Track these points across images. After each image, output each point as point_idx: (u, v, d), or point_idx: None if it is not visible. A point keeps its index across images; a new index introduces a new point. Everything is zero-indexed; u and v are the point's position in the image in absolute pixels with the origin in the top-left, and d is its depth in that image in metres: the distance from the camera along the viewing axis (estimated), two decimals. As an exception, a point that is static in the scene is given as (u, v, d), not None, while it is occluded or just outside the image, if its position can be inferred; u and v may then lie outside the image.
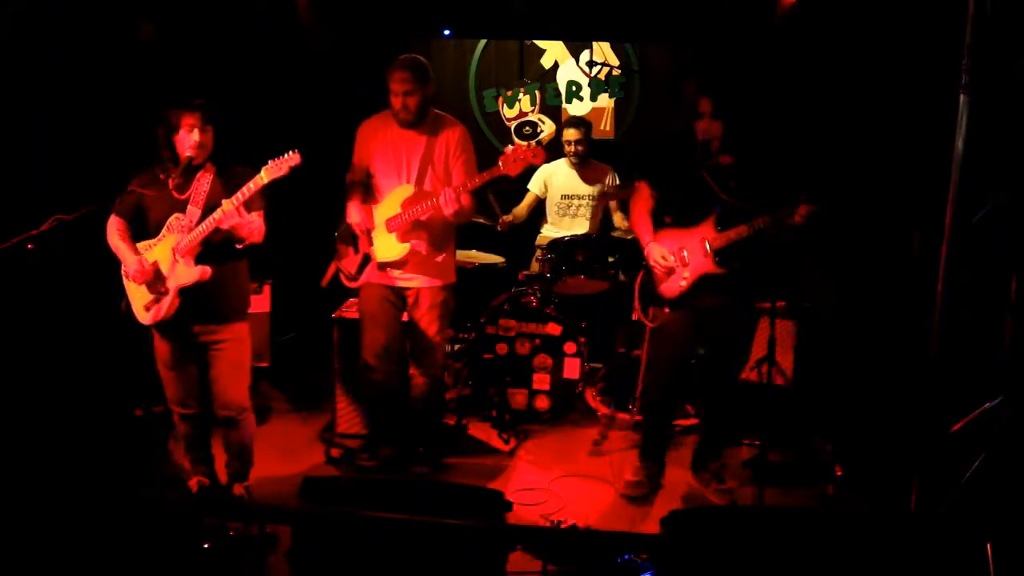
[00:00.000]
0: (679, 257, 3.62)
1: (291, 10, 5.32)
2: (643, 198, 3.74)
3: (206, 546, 2.99)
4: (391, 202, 3.82)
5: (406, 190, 3.80)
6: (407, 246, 3.81)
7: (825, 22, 4.83)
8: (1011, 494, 2.71)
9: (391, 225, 3.80)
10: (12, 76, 3.93)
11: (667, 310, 3.68)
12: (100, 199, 3.16)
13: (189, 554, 2.24)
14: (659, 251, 3.62)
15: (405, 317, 4.03)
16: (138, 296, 3.43)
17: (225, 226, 3.24)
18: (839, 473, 3.90)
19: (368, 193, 3.94)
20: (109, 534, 2.14)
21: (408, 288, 3.93)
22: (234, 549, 3.25)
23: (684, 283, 3.62)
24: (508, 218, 5.32)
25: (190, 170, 3.35)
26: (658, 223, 3.72)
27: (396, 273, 3.89)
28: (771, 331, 3.65)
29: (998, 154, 2.85)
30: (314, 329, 4.98)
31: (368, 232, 3.85)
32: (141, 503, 2.13)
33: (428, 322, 3.95)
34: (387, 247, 3.83)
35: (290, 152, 3.21)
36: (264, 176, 3.21)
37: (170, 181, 3.32)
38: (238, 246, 3.39)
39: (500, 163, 3.54)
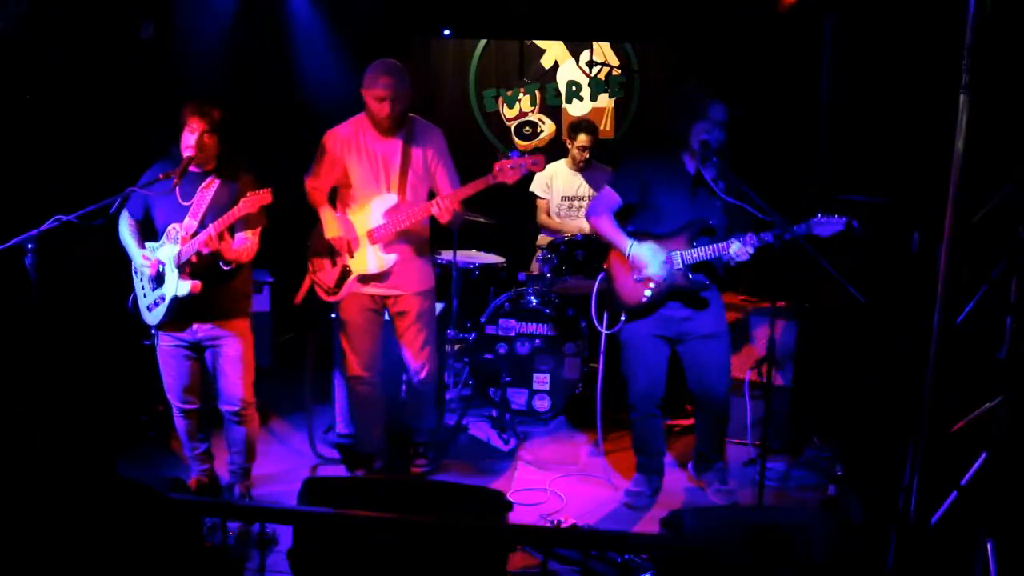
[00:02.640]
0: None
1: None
2: (609, 200, 3.65)
3: (206, 546, 3.00)
4: (372, 213, 3.70)
5: (388, 199, 3.69)
6: (392, 257, 3.71)
7: (825, 23, 4.84)
8: (1011, 494, 2.71)
9: (374, 236, 3.70)
10: (12, 76, 3.93)
11: (623, 317, 3.62)
12: (100, 199, 3.16)
13: (189, 554, 2.24)
14: (649, 251, 3.51)
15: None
16: (143, 296, 3.45)
17: (206, 251, 3.24)
18: (839, 473, 3.90)
19: (341, 199, 3.83)
20: (109, 534, 2.14)
21: (389, 296, 3.83)
22: (234, 549, 3.26)
23: (649, 292, 3.55)
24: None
25: (195, 176, 3.36)
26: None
27: (377, 285, 3.79)
28: (771, 331, 3.63)
29: (998, 154, 2.85)
30: (314, 329, 4.98)
31: (349, 244, 3.73)
32: (141, 502, 2.13)
33: (417, 330, 3.89)
34: (370, 259, 3.72)
35: (263, 190, 3.20)
36: (240, 208, 3.19)
37: (174, 181, 3.32)
38: (224, 267, 3.37)
39: (495, 170, 3.46)
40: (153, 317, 3.43)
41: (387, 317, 3.95)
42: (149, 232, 3.48)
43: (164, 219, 3.38)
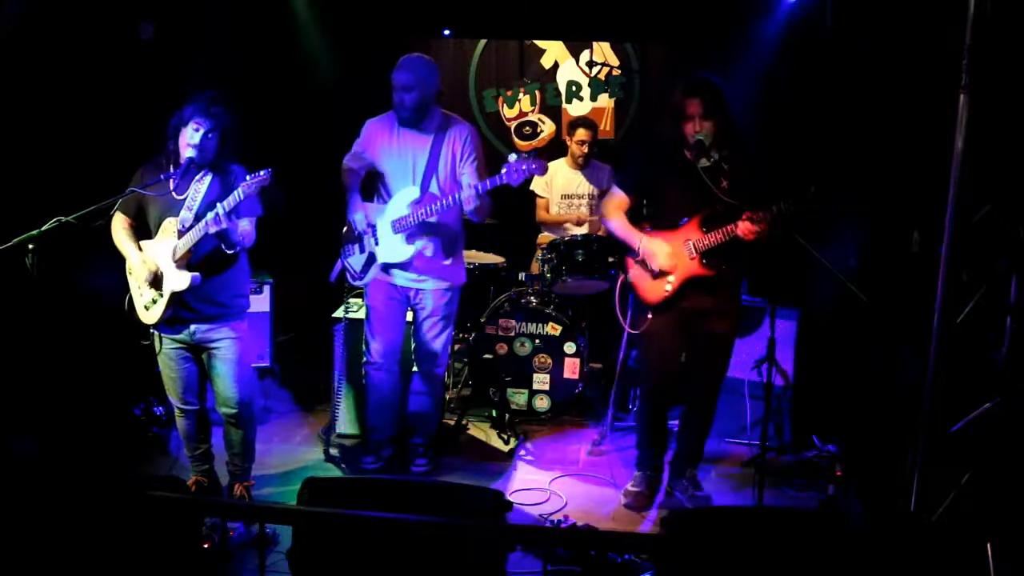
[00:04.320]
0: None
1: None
2: (618, 202, 3.64)
3: (206, 546, 3.00)
4: (398, 203, 3.80)
5: (413, 192, 3.78)
6: (414, 248, 3.79)
7: (825, 22, 4.83)
8: (1010, 495, 2.72)
9: (398, 226, 3.79)
10: (12, 76, 3.93)
11: (650, 315, 3.60)
12: (100, 199, 3.16)
13: (189, 554, 2.23)
14: (659, 244, 3.51)
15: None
16: (139, 295, 3.45)
17: (212, 231, 3.23)
18: (839, 473, 3.90)
19: (375, 189, 3.93)
20: (108, 534, 2.14)
21: (414, 289, 3.91)
22: (234, 549, 3.26)
23: (669, 287, 3.52)
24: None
25: (189, 170, 3.36)
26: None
27: (403, 273, 3.88)
28: (771, 331, 3.63)
29: (998, 154, 2.85)
30: (314, 329, 4.98)
31: (372, 229, 3.85)
32: (140, 503, 2.13)
33: (432, 324, 3.95)
34: (394, 249, 3.82)
35: (262, 172, 3.18)
36: (240, 193, 3.17)
37: (171, 181, 3.34)
38: (228, 251, 3.37)
39: (503, 171, 3.50)
40: (150, 316, 3.42)
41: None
42: (142, 230, 3.48)
43: (159, 214, 3.39)
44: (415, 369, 4.12)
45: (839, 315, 4.25)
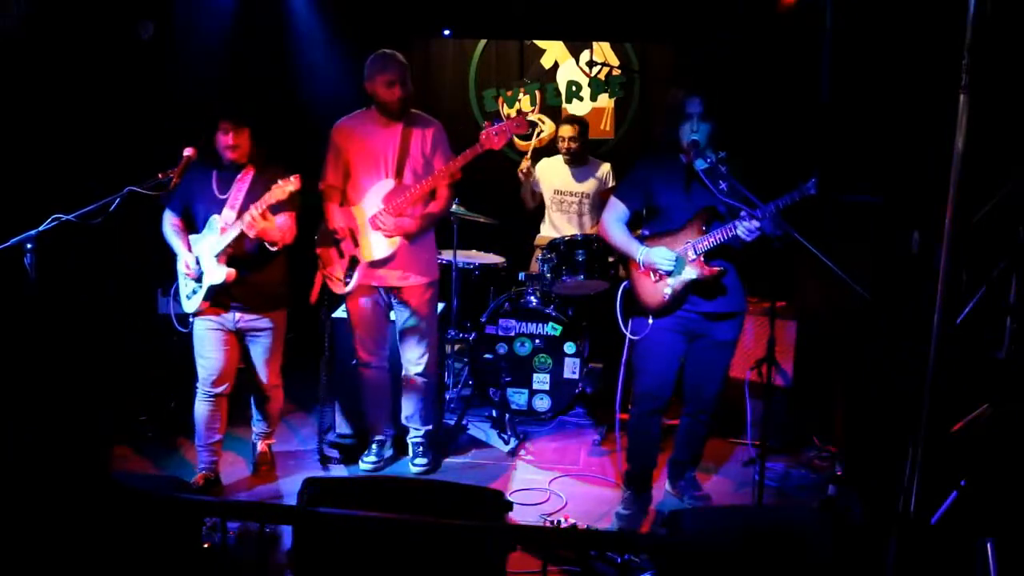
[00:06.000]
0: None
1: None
2: (616, 211, 3.58)
3: (206, 546, 3.00)
4: (373, 198, 3.79)
5: (386, 184, 3.78)
6: (396, 240, 3.79)
7: (824, 22, 4.84)
8: (1011, 494, 2.72)
9: (375, 222, 3.78)
10: (12, 76, 3.93)
11: (650, 320, 3.52)
12: (100, 199, 3.16)
13: (189, 554, 2.24)
14: (659, 251, 3.44)
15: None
16: (184, 285, 3.68)
17: (251, 233, 3.45)
18: (839, 473, 3.89)
19: (348, 197, 3.91)
20: (109, 533, 2.14)
21: (396, 287, 3.92)
22: (234, 549, 3.26)
23: (668, 291, 3.46)
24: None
25: (232, 168, 3.60)
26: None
27: (385, 273, 3.87)
28: (771, 331, 3.62)
29: (998, 154, 2.85)
30: (314, 329, 4.98)
31: (352, 232, 3.83)
32: (141, 503, 2.13)
33: (419, 319, 3.96)
34: (375, 245, 3.81)
35: (292, 176, 3.45)
36: (272, 195, 3.42)
37: (214, 179, 3.59)
38: (270, 248, 3.58)
39: (482, 139, 3.52)
40: (191, 305, 3.64)
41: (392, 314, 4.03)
42: (190, 226, 3.71)
43: (204, 212, 3.62)
44: (404, 371, 4.11)
45: (839, 315, 4.25)
